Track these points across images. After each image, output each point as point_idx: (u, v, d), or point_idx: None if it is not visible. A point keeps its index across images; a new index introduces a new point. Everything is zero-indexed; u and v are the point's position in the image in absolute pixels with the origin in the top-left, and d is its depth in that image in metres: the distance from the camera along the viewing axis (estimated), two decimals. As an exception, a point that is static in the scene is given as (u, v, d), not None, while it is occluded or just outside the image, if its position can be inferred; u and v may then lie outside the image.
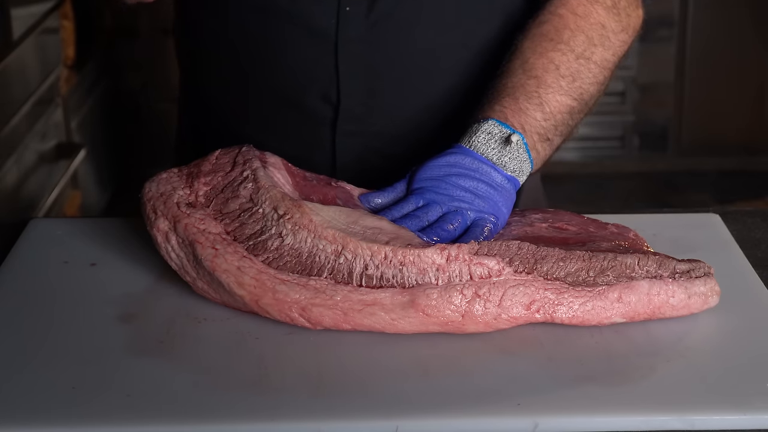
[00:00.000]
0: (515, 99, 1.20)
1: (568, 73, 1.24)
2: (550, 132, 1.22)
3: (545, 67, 1.23)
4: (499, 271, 1.03)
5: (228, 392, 0.97)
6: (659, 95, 3.67)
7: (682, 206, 3.40)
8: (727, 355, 1.03)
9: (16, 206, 2.22)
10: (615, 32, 1.29)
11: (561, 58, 1.24)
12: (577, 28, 1.27)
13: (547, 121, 1.21)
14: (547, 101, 1.22)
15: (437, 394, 0.97)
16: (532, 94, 1.21)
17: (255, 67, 1.36)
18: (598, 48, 1.27)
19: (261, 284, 1.04)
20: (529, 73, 1.23)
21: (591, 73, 1.26)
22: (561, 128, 1.23)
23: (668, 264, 1.07)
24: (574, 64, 1.25)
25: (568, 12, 1.27)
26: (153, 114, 3.45)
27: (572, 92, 1.24)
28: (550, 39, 1.25)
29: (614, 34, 1.29)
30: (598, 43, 1.27)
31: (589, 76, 1.26)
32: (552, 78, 1.23)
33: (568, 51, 1.25)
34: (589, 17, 1.28)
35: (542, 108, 1.21)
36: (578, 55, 1.25)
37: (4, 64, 2.20)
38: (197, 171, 1.15)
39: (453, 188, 1.14)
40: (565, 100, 1.23)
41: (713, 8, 3.58)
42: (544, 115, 1.21)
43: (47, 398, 0.96)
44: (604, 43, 1.28)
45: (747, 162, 3.71)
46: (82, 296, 1.13)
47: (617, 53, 1.30)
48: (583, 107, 1.26)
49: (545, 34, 1.26)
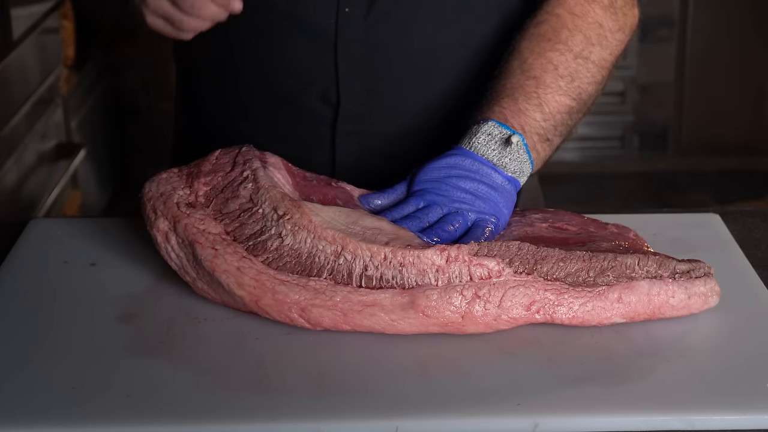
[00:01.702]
0: (514, 100, 1.20)
1: (567, 73, 1.24)
2: (550, 132, 1.22)
3: (544, 67, 1.23)
4: (499, 272, 1.03)
5: (228, 392, 0.97)
6: (659, 95, 3.67)
7: (682, 206, 3.40)
8: (727, 355, 1.03)
9: (16, 206, 2.22)
10: (612, 31, 1.29)
11: (559, 58, 1.24)
12: (575, 28, 1.27)
13: (547, 122, 1.21)
14: (546, 101, 1.22)
15: (437, 394, 0.97)
16: (531, 94, 1.21)
17: (254, 68, 1.36)
18: (596, 47, 1.27)
19: (261, 285, 1.04)
20: (527, 73, 1.23)
21: (589, 73, 1.26)
22: (560, 128, 1.23)
23: (668, 264, 1.07)
24: (573, 63, 1.25)
25: (566, 12, 1.27)
26: (153, 114, 3.45)
27: (571, 92, 1.24)
28: (548, 39, 1.25)
29: (612, 34, 1.29)
30: (596, 42, 1.27)
31: (587, 75, 1.26)
32: (551, 78, 1.23)
33: (567, 51, 1.25)
34: (586, 17, 1.28)
35: (541, 108, 1.21)
36: (576, 54, 1.25)
37: (4, 64, 2.20)
38: (197, 171, 1.15)
39: (453, 190, 1.14)
40: (564, 100, 1.23)
41: (713, 8, 3.58)
42: (543, 116, 1.21)
43: (47, 398, 0.96)
44: (601, 43, 1.28)
45: (747, 162, 3.71)
46: (82, 296, 1.13)
47: (615, 53, 1.30)
48: (581, 107, 1.26)
49: (543, 34, 1.26)
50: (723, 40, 3.60)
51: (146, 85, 3.44)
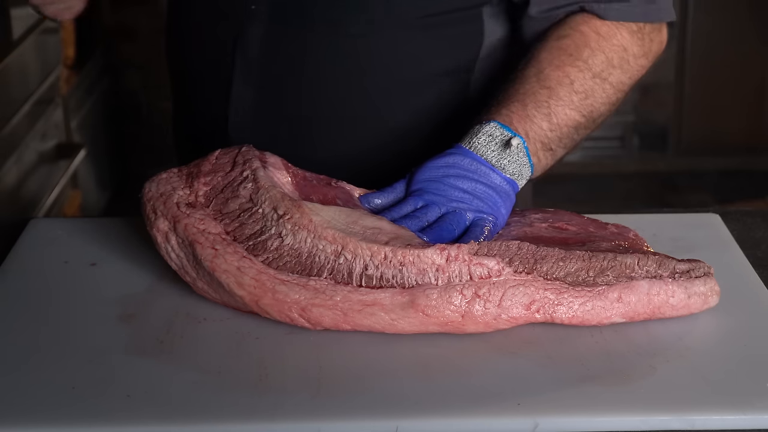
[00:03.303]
0: (524, 105, 1.20)
1: (582, 89, 1.24)
2: (554, 143, 1.21)
3: (560, 80, 1.23)
4: (499, 272, 1.03)
5: (228, 392, 0.97)
6: (659, 95, 3.67)
7: (682, 206, 3.40)
8: (727, 355, 1.03)
9: (16, 206, 2.22)
10: (636, 57, 1.29)
11: (577, 74, 1.24)
12: (598, 48, 1.26)
13: (553, 132, 1.21)
14: (556, 113, 1.21)
15: (437, 394, 0.97)
16: (542, 103, 1.21)
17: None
18: (616, 70, 1.27)
19: (261, 284, 1.04)
20: (542, 83, 1.22)
21: (605, 94, 1.26)
22: (565, 141, 1.23)
23: (668, 264, 1.07)
24: (590, 82, 1.24)
25: (591, 30, 1.27)
26: (153, 114, 3.45)
27: (583, 109, 1.24)
28: (569, 54, 1.25)
29: (635, 59, 1.29)
30: (617, 65, 1.27)
31: (602, 96, 1.26)
32: (565, 92, 1.23)
33: (586, 69, 1.24)
34: (611, 38, 1.27)
35: (549, 118, 1.21)
36: (595, 74, 1.25)
37: (4, 64, 2.20)
38: (197, 171, 1.15)
39: (451, 189, 1.14)
40: (573, 115, 1.23)
41: (713, 8, 3.58)
42: (550, 125, 1.21)
43: (47, 398, 0.96)
44: (623, 66, 1.27)
45: (747, 162, 3.71)
46: (82, 296, 1.13)
47: (634, 77, 1.30)
48: (590, 124, 1.26)
49: (565, 48, 1.25)
50: (723, 40, 3.60)
51: (146, 85, 3.44)
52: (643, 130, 3.72)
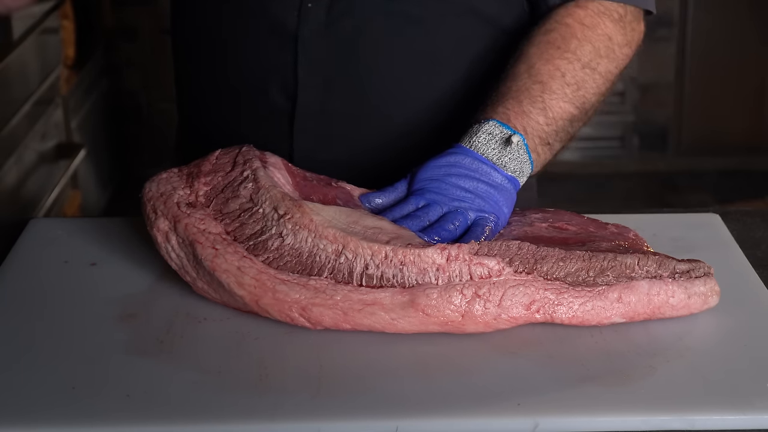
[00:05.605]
0: (519, 102, 1.21)
1: (574, 81, 1.24)
2: (551, 137, 1.22)
3: (551, 73, 1.24)
4: (499, 271, 1.03)
5: (228, 392, 0.97)
6: (659, 95, 3.67)
7: (682, 206, 3.40)
8: (727, 355, 1.03)
9: (16, 206, 2.22)
10: (620, 45, 1.30)
11: (567, 66, 1.25)
12: (585, 38, 1.27)
13: (549, 126, 1.21)
14: (551, 107, 1.22)
15: (437, 394, 0.97)
16: (537, 98, 1.22)
17: (222, 61, 1.37)
18: (603, 59, 1.28)
19: (261, 284, 1.04)
20: (534, 78, 1.23)
21: (595, 84, 1.27)
22: (561, 134, 1.24)
23: (668, 264, 1.07)
24: (580, 73, 1.25)
25: (576, 22, 1.28)
26: (153, 114, 3.45)
27: (576, 101, 1.25)
28: (557, 47, 1.26)
29: (619, 48, 1.30)
30: (604, 54, 1.28)
31: (593, 86, 1.26)
32: (557, 85, 1.23)
33: (575, 60, 1.25)
34: (596, 28, 1.28)
35: (545, 113, 1.21)
36: (584, 64, 1.26)
37: (4, 64, 2.20)
38: (197, 171, 1.15)
39: (453, 188, 1.14)
40: (568, 108, 1.24)
41: (713, 8, 3.58)
42: (546, 120, 1.21)
43: (47, 398, 0.96)
44: (609, 55, 1.29)
45: (747, 162, 3.71)
46: (82, 296, 1.13)
47: (620, 66, 1.31)
48: (583, 116, 1.27)
49: (552, 41, 1.26)
50: (723, 40, 3.60)
51: (146, 85, 3.44)
52: (643, 130, 3.72)
